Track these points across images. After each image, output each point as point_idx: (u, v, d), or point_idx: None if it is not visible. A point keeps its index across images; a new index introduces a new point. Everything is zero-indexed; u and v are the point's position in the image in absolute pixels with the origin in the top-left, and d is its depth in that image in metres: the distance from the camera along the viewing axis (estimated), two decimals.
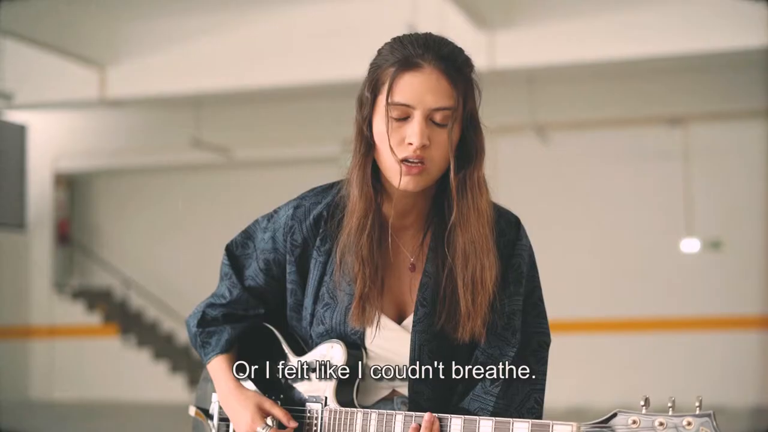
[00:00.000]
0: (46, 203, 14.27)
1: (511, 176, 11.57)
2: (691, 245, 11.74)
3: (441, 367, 1.89)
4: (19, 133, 10.35)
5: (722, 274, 11.67)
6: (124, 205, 15.03)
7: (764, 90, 10.72)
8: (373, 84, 1.85)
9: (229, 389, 2.01)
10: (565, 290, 11.41)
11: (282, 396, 2.00)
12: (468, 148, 1.88)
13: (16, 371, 14.18)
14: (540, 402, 1.93)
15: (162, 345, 14.33)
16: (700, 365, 11.54)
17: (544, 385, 1.94)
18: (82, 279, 15.10)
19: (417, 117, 1.79)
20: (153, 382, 13.77)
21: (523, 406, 1.90)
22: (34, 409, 13.53)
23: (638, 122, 12.05)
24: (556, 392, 1.97)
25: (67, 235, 14.94)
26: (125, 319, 14.57)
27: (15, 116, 11.28)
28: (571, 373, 11.11)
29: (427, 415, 1.79)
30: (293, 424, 1.94)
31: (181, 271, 13.97)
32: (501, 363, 1.89)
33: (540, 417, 1.92)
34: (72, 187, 15.18)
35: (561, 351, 2.11)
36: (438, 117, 1.81)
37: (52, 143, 14.02)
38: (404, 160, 1.81)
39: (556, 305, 2.81)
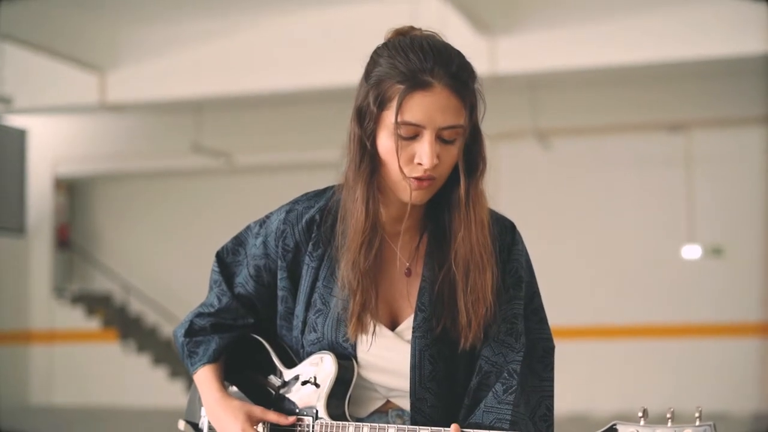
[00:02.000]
0: (46, 208, 14.26)
1: (512, 182, 11.57)
2: (692, 251, 11.72)
3: (442, 372, 1.86)
4: (19, 137, 10.35)
5: (723, 280, 11.65)
6: (124, 210, 15.02)
7: (766, 96, 10.71)
8: (379, 99, 1.79)
9: (216, 400, 1.96)
10: (565, 296, 11.39)
11: (271, 409, 1.95)
12: (471, 158, 1.86)
13: (16, 376, 14.16)
14: (551, 408, 1.90)
15: (161, 350, 14.31)
16: (701, 372, 11.52)
17: (553, 391, 1.91)
18: (82, 284, 15.09)
19: (427, 137, 1.76)
20: (152, 387, 13.75)
21: (535, 414, 1.87)
22: (34, 413, 13.51)
23: (640, 128, 12.04)
24: (558, 398, 1.94)
25: (67, 239, 14.93)
26: (125, 324, 14.55)
27: (15, 120, 11.28)
28: (572, 380, 11.08)
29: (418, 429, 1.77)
30: (291, 419, 1.90)
31: (181, 276, 13.94)
32: (509, 370, 1.86)
33: (552, 424, 1.89)
34: (72, 191, 15.18)
35: (561, 357, 2.09)
36: (447, 134, 1.78)
37: (52, 148, 14.01)
38: (413, 177, 1.79)
39: (556, 311, 2.78)
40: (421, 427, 1.79)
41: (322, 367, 1.88)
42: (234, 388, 2.02)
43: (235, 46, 10.48)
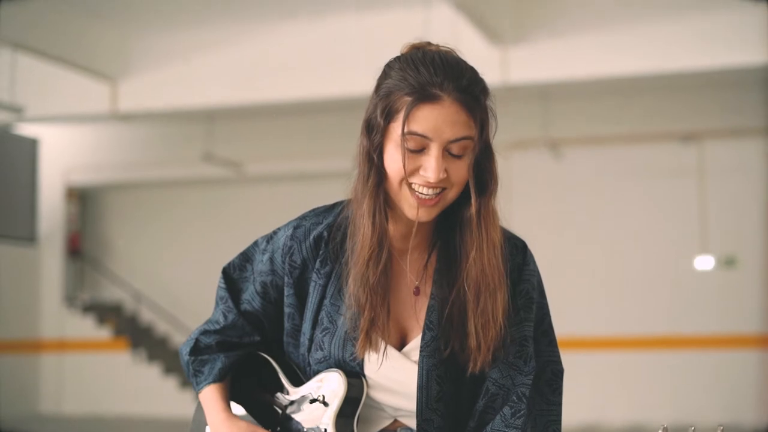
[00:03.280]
0: (57, 217, 14.28)
1: (524, 192, 11.54)
2: (705, 263, 11.65)
3: (450, 393, 1.82)
4: (30, 146, 10.37)
5: (737, 291, 11.58)
6: (135, 219, 15.03)
7: None
8: (387, 111, 1.76)
9: (221, 420, 1.94)
10: (577, 306, 11.36)
11: (279, 428, 1.93)
12: (482, 176, 1.81)
13: (27, 385, 14.17)
14: None
15: (172, 359, 14.30)
16: (716, 384, 11.44)
17: (560, 416, 1.88)
18: (93, 293, 15.10)
19: (434, 151, 1.72)
20: (163, 396, 13.74)
21: None
22: (44, 422, 13.51)
23: (652, 138, 12.00)
24: (567, 409, 1.91)
25: (78, 248, 14.94)
26: (135, 333, 14.55)
27: (27, 129, 11.31)
28: (582, 391, 11.04)
29: None
30: None
31: (192, 286, 13.94)
32: (518, 393, 1.82)
33: None
34: (83, 200, 15.20)
35: (573, 368, 2.06)
36: (455, 149, 1.74)
37: (63, 157, 14.04)
38: (418, 193, 1.76)
39: (568, 321, 2.76)
40: None
41: (330, 385, 1.84)
42: (240, 408, 1.99)
43: (247, 55, 10.48)
